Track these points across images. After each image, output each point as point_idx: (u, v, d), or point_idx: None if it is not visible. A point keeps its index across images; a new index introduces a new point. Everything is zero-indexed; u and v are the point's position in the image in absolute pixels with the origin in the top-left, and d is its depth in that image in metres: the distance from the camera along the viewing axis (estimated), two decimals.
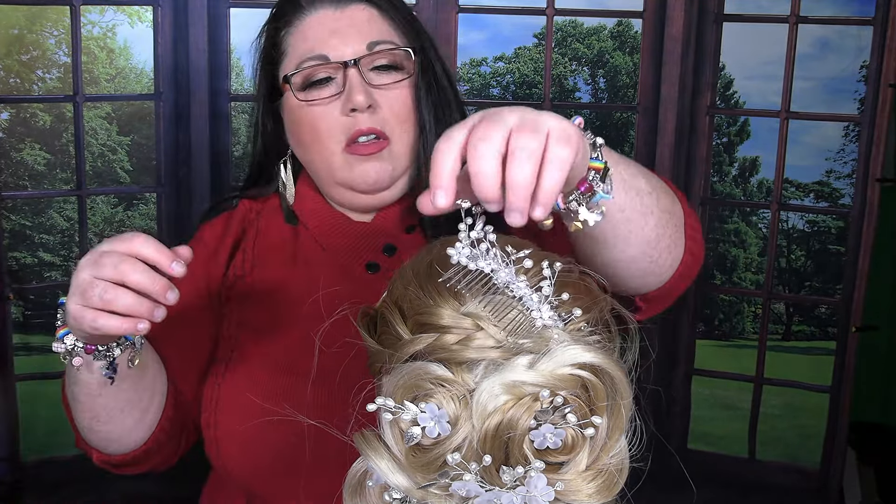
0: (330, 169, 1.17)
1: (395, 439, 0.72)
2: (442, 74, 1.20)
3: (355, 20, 1.16)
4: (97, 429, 1.09)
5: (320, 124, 1.15)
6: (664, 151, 2.19)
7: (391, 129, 1.15)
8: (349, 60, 1.13)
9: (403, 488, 0.72)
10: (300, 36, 1.17)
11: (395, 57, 1.16)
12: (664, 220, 0.93)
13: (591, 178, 0.79)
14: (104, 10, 2.15)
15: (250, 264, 1.21)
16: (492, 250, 0.74)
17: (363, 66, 1.14)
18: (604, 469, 0.72)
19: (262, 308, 1.18)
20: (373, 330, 0.78)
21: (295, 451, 1.09)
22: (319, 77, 1.15)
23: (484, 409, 0.69)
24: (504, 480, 0.69)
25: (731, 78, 2.31)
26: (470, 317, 0.71)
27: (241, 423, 1.12)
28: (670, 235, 0.95)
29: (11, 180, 2.18)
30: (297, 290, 1.17)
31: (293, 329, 1.15)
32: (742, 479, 2.31)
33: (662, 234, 0.94)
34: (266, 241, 1.23)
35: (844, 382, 2.19)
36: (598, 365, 0.70)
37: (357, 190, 1.17)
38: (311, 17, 1.17)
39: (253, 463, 1.13)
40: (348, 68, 1.13)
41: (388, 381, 0.74)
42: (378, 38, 1.16)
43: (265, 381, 1.13)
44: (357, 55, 1.14)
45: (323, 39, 1.15)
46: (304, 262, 1.20)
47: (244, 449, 1.13)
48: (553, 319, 0.72)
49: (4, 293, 2.09)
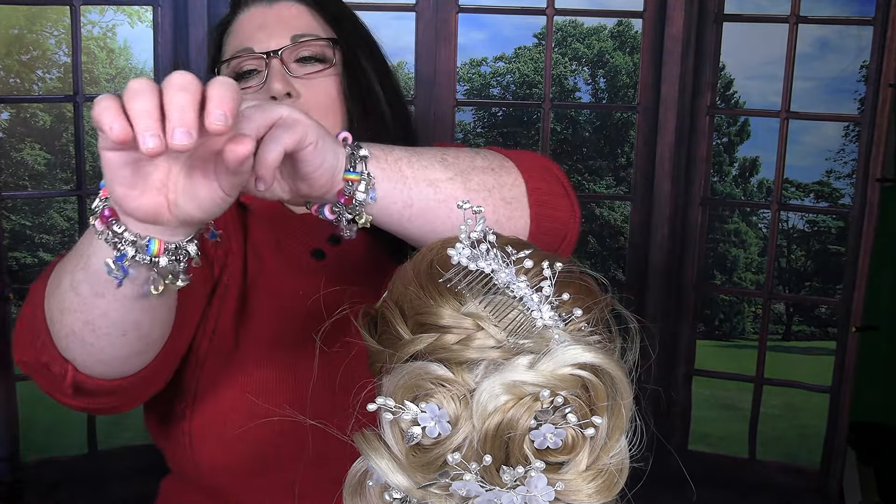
0: None
1: (395, 439, 0.72)
2: (371, 70, 1.20)
3: (283, 16, 1.19)
4: (88, 339, 0.89)
5: None
6: (664, 151, 2.19)
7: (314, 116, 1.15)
8: (271, 52, 1.16)
9: (403, 488, 0.72)
10: (233, 34, 1.21)
11: (318, 49, 1.18)
12: (479, 199, 0.96)
13: (347, 189, 0.87)
14: (104, 10, 2.15)
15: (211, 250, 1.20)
16: (492, 251, 0.74)
17: (286, 57, 1.16)
18: (604, 469, 0.72)
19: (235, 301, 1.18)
20: (373, 330, 0.78)
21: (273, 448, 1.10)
22: (246, 69, 1.18)
23: (484, 409, 0.69)
24: (504, 480, 0.69)
25: (731, 78, 2.31)
26: (470, 317, 0.71)
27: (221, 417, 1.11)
28: (494, 211, 0.97)
29: (11, 180, 2.18)
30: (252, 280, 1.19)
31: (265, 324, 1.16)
32: (742, 479, 2.31)
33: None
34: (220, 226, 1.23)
35: (844, 382, 2.19)
36: (598, 365, 0.70)
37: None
38: (244, 16, 1.21)
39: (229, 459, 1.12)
40: (271, 58, 1.16)
41: (388, 380, 0.74)
42: (304, 31, 1.18)
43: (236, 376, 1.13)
44: (280, 47, 1.16)
45: (251, 34, 1.19)
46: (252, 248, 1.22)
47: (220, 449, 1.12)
48: (553, 319, 0.72)
49: (4, 293, 2.09)
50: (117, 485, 2.10)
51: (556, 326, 0.72)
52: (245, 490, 1.14)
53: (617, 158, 2.46)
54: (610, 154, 2.47)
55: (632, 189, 2.26)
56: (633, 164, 2.28)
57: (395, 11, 2.24)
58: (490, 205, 0.97)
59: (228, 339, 1.16)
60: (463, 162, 0.98)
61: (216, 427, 1.12)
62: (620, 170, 2.43)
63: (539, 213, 1.01)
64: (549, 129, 2.25)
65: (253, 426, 1.08)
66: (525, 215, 1.00)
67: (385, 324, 0.76)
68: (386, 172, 0.91)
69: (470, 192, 0.95)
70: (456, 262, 0.74)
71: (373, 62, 1.23)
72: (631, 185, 2.28)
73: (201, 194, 0.77)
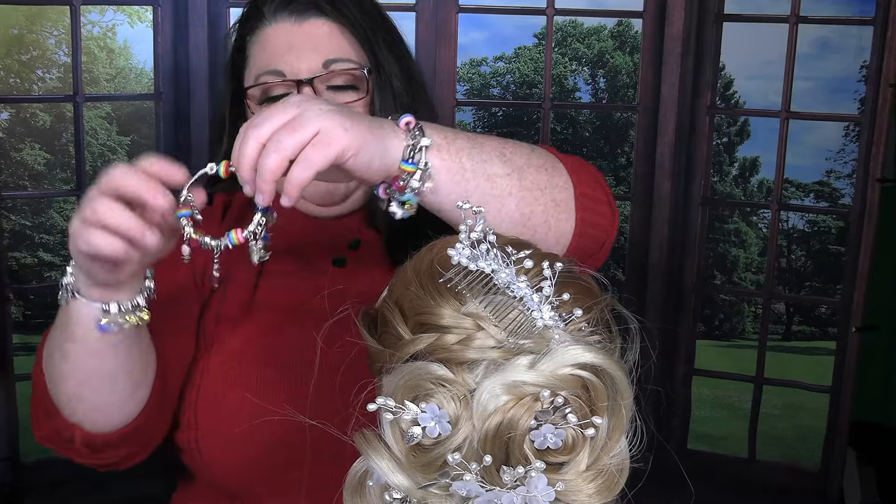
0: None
1: (395, 439, 0.72)
2: (403, 92, 1.18)
3: (313, 35, 1.15)
4: (86, 397, 1.01)
5: None
6: (664, 151, 2.19)
7: None
8: (303, 79, 1.13)
9: (404, 488, 0.72)
10: (260, 46, 1.17)
11: (350, 76, 1.15)
12: (532, 197, 0.96)
13: (403, 178, 0.88)
14: (104, 10, 2.15)
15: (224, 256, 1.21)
16: (492, 251, 0.74)
17: (318, 84, 1.13)
18: (604, 469, 0.72)
19: (238, 302, 1.18)
20: (373, 330, 0.78)
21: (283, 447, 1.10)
22: (276, 93, 1.15)
23: (484, 409, 0.69)
24: (504, 480, 0.69)
25: (731, 78, 2.31)
26: (470, 317, 0.72)
27: (223, 420, 1.11)
28: (544, 212, 0.97)
29: (11, 180, 2.18)
30: (270, 284, 1.18)
31: (270, 323, 1.15)
32: (742, 479, 2.31)
33: (532, 213, 0.96)
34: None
35: (844, 382, 2.19)
36: (598, 365, 0.70)
37: (309, 202, 1.18)
38: (271, 29, 1.16)
39: (239, 461, 1.12)
40: (302, 87, 1.13)
41: (388, 380, 0.74)
42: (335, 55, 1.14)
43: (245, 376, 1.13)
44: (312, 73, 1.13)
45: (280, 54, 1.15)
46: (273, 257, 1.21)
47: (229, 449, 1.12)
48: (554, 320, 0.72)
49: (4, 293, 2.09)
50: (117, 485, 2.10)
51: (557, 326, 0.72)
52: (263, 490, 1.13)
53: (617, 158, 2.46)
54: (610, 154, 2.47)
55: (632, 189, 2.26)
56: (633, 164, 2.28)
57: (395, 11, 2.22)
58: (541, 204, 0.96)
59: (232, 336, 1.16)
60: (520, 158, 0.97)
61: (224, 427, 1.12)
62: (620, 170, 2.43)
63: (584, 217, 1.01)
64: (549, 129, 2.25)
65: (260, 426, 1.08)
66: (571, 218, 1.00)
67: (385, 324, 0.76)
68: (446, 163, 0.90)
69: (524, 190, 0.95)
70: (456, 262, 0.74)
71: (405, 82, 1.19)
72: (631, 185, 2.28)
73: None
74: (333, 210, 1.20)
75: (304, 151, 0.83)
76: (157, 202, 0.84)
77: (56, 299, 0.96)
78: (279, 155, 0.82)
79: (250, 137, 0.84)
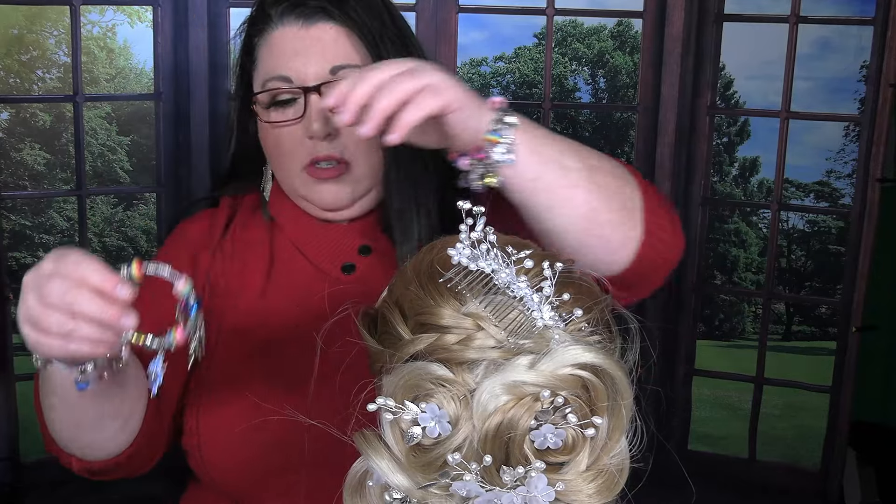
0: (292, 185, 1.18)
1: (395, 439, 0.72)
2: None
3: (320, 40, 1.14)
4: (77, 437, 1.06)
5: (283, 144, 1.16)
6: (664, 151, 2.19)
7: (351, 154, 1.14)
8: (310, 86, 1.12)
9: (404, 488, 0.72)
10: (267, 49, 1.16)
11: None
12: (601, 196, 1.00)
13: (486, 146, 0.95)
14: (104, 10, 2.15)
15: (230, 262, 1.20)
16: (492, 251, 0.74)
17: (325, 91, 1.12)
18: (604, 469, 0.72)
19: (242, 309, 1.17)
20: (373, 330, 0.78)
21: (281, 449, 1.10)
22: (284, 98, 1.15)
23: (484, 409, 0.69)
24: (504, 480, 0.69)
25: (731, 78, 2.31)
26: (470, 317, 0.71)
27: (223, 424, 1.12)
28: (612, 213, 1.01)
29: (11, 180, 2.18)
30: (276, 291, 1.17)
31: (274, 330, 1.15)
32: (742, 479, 2.31)
33: (598, 209, 1.00)
34: (244, 238, 1.22)
35: (844, 382, 2.19)
36: (598, 365, 0.70)
37: (316, 207, 1.19)
38: (278, 32, 1.15)
39: (238, 466, 1.12)
40: (309, 93, 1.12)
41: (388, 380, 0.74)
42: (343, 61, 1.13)
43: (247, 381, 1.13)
44: (319, 79, 1.12)
45: (287, 58, 1.14)
46: (280, 263, 1.20)
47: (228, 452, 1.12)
48: (554, 320, 0.72)
49: (4, 293, 2.09)
50: (117, 485, 2.10)
51: (557, 327, 0.72)
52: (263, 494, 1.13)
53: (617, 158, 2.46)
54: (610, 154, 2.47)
55: None
56: (633, 164, 2.28)
57: None
58: (607, 205, 1.00)
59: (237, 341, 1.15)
60: (593, 159, 1.02)
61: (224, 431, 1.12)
62: None
63: (650, 229, 1.03)
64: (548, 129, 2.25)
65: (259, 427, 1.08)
66: (637, 228, 1.02)
67: (385, 324, 0.76)
68: (524, 145, 0.96)
69: (593, 185, 0.99)
70: (456, 261, 0.74)
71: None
72: None
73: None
74: (340, 215, 1.19)
75: (418, 95, 0.90)
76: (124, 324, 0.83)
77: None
78: (394, 96, 0.90)
79: (369, 79, 0.90)
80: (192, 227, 1.24)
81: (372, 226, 1.21)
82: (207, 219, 1.24)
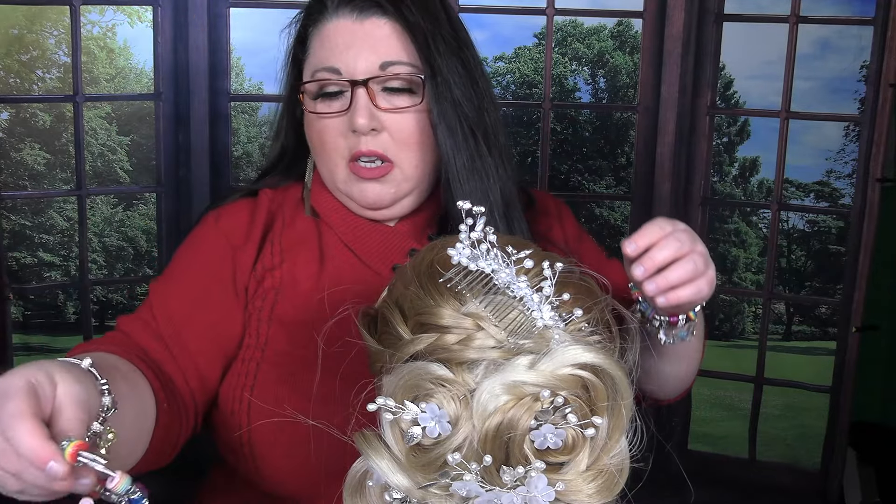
0: (334, 179, 1.18)
1: (395, 439, 0.72)
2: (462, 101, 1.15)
3: (372, 34, 1.14)
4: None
5: (327, 136, 1.16)
6: (664, 151, 2.19)
7: (394, 153, 1.15)
8: (359, 80, 1.12)
9: (404, 488, 0.72)
10: (320, 40, 1.17)
11: (407, 79, 1.14)
12: (698, 360, 1.26)
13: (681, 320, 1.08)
14: (104, 10, 2.15)
15: (279, 258, 1.19)
16: (492, 251, 0.74)
17: (373, 86, 1.13)
18: (604, 469, 0.72)
19: (295, 305, 1.15)
20: (373, 330, 0.78)
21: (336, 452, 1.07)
22: (331, 90, 1.15)
23: (484, 409, 0.69)
24: (504, 480, 0.69)
25: (731, 78, 2.31)
26: (470, 317, 0.71)
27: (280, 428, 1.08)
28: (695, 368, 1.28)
29: (11, 180, 2.18)
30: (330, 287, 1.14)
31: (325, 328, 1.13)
32: (742, 479, 2.31)
33: (695, 370, 1.28)
34: (292, 234, 1.21)
35: (844, 382, 2.19)
36: (598, 365, 0.70)
37: (357, 203, 1.19)
38: (332, 23, 1.16)
39: (296, 467, 1.09)
40: (357, 87, 1.12)
41: (388, 380, 0.74)
42: (394, 57, 1.14)
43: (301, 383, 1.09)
44: (368, 74, 1.13)
45: (339, 50, 1.14)
46: (330, 260, 1.19)
47: (286, 453, 1.09)
48: (554, 320, 0.72)
49: (4, 293, 2.09)
50: None
51: (557, 326, 0.72)
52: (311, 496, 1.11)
53: (617, 158, 2.46)
54: (610, 154, 2.47)
55: (632, 189, 2.26)
56: (633, 164, 2.28)
57: None
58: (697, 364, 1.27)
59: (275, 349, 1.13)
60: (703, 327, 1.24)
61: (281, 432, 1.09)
62: (620, 170, 2.44)
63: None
64: (549, 129, 2.25)
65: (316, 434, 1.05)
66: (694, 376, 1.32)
67: (385, 324, 0.76)
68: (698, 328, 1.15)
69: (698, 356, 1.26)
70: (456, 261, 0.74)
71: (468, 90, 1.16)
72: (631, 185, 2.28)
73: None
74: (381, 214, 1.19)
75: (701, 279, 1.00)
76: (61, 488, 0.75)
77: (56, 299, 0.94)
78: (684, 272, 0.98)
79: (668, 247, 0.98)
80: (230, 219, 1.20)
81: (420, 227, 1.21)
82: (247, 212, 1.21)
